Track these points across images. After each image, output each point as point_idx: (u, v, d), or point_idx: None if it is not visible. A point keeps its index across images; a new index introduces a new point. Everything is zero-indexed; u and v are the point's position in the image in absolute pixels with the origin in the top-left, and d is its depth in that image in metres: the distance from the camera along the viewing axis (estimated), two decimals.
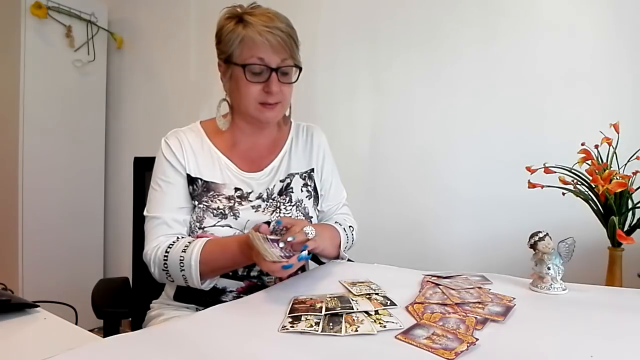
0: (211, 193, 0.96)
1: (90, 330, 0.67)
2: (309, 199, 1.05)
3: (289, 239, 0.79)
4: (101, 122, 2.50)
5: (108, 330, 0.99)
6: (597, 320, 0.67)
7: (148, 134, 2.40)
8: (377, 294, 0.76)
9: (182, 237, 0.93)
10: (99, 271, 2.49)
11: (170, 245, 0.90)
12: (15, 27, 2.06)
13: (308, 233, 0.83)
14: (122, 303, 1.06)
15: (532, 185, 1.10)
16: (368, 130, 1.78)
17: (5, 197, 2.16)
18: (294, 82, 0.99)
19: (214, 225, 0.93)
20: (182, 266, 0.86)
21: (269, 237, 0.78)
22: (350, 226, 1.08)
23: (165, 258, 0.89)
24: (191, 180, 0.96)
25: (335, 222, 1.06)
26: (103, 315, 0.99)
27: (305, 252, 0.77)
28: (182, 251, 0.87)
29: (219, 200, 0.95)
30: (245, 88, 0.93)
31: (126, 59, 2.52)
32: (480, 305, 0.71)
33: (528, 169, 1.10)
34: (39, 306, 0.75)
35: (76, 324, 0.71)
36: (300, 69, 0.98)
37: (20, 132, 2.09)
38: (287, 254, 0.77)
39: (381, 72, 1.75)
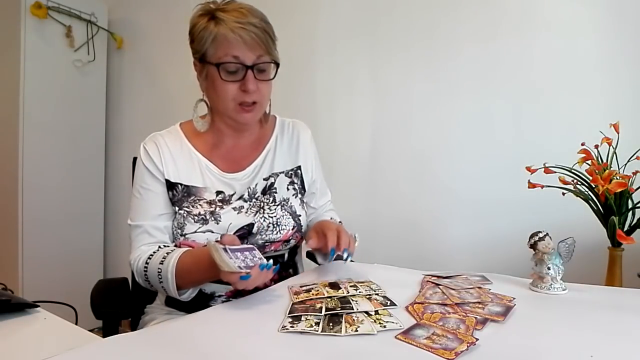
0: (192, 198, 0.94)
1: (90, 330, 0.67)
2: (296, 197, 1.02)
3: (345, 256, 0.83)
4: (101, 122, 2.49)
5: (107, 330, 0.98)
6: (597, 320, 0.67)
7: (148, 134, 2.38)
8: (377, 294, 0.76)
9: (164, 246, 0.92)
10: (98, 271, 2.49)
11: (150, 256, 0.89)
12: (15, 27, 2.06)
13: (356, 239, 0.88)
14: (121, 303, 1.06)
15: (532, 185, 1.10)
16: (368, 130, 1.78)
17: (5, 197, 2.16)
18: (272, 78, 0.94)
19: (195, 232, 0.91)
20: (160, 278, 0.85)
21: (229, 247, 0.75)
22: (339, 222, 1.10)
23: (145, 269, 0.88)
24: (171, 186, 0.94)
25: (331, 218, 1.07)
26: (102, 315, 0.99)
27: (271, 262, 0.76)
28: (160, 263, 0.86)
29: (199, 205, 0.93)
30: (222, 88, 0.90)
31: (126, 59, 2.52)
32: (480, 305, 0.71)
33: (528, 169, 1.10)
34: (39, 306, 0.75)
35: (76, 324, 0.71)
36: (278, 65, 0.94)
37: (20, 132, 2.09)
38: (250, 265, 0.74)
39: (381, 72, 1.75)
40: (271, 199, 0.98)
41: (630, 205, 1.04)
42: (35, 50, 2.11)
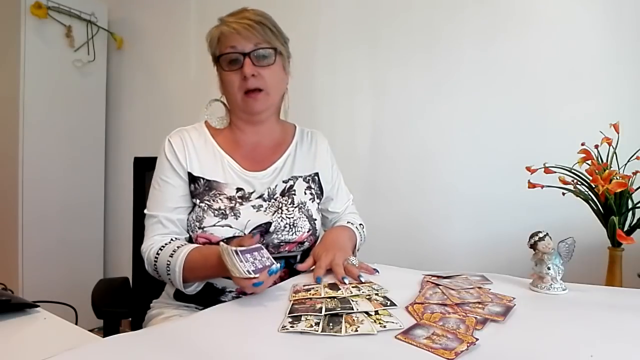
0: (213, 192, 0.96)
1: (90, 330, 0.67)
2: (312, 202, 1.06)
3: (346, 280, 0.81)
4: (101, 122, 2.50)
5: (108, 330, 0.99)
6: (597, 320, 0.67)
7: (148, 134, 2.40)
8: (377, 294, 0.76)
9: (176, 239, 0.95)
10: (99, 271, 2.49)
11: (162, 247, 0.91)
12: (15, 27, 2.06)
13: (354, 264, 0.88)
14: (122, 303, 1.06)
15: (532, 185, 1.10)
16: (368, 130, 1.78)
17: (5, 197, 2.16)
18: (273, 64, 0.97)
19: (214, 225, 0.93)
20: (169, 270, 0.88)
21: (239, 249, 0.74)
22: (360, 224, 1.13)
23: (156, 259, 0.91)
24: (193, 179, 0.97)
25: (348, 222, 1.10)
26: (103, 315, 0.99)
27: (276, 265, 0.77)
28: (170, 255, 0.89)
29: (220, 200, 0.96)
30: (227, 79, 0.97)
31: (126, 59, 2.52)
32: (480, 305, 0.71)
33: (528, 168, 1.10)
34: (39, 306, 0.75)
35: (76, 324, 0.71)
36: (280, 53, 0.99)
37: (20, 132, 2.09)
38: (260, 267, 0.74)
39: (381, 72, 1.75)
40: (289, 200, 1.01)
41: (630, 205, 1.04)
42: (35, 50, 2.11)
